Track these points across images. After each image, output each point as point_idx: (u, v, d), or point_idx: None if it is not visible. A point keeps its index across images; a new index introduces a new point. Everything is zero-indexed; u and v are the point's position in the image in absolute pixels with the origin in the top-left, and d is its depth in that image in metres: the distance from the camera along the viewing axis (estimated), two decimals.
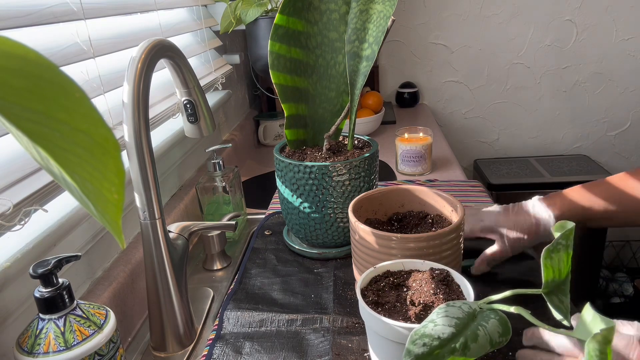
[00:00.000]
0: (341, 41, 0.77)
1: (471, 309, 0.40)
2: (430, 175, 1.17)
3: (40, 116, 0.17)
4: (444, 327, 0.37)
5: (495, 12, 1.88)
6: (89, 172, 0.18)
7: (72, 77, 0.18)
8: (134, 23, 0.86)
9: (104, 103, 0.72)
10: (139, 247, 0.77)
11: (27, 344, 0.47)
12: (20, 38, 0.52)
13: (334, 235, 0.76)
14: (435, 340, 0.36)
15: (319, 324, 0.64)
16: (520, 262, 0.75)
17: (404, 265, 0.57)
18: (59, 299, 0.48)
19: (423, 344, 0.36)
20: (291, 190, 0.75)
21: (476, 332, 0.38)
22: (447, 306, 0.40)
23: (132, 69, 0.57)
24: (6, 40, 0.16)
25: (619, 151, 2.03)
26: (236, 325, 0.65)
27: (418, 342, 0.36)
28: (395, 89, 1.97)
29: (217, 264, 0.89)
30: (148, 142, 0.60)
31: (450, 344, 0.36)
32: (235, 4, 1.16)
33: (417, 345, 0.36)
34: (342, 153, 0.78)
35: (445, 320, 0.38)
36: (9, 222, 0.50)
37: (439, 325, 0.38)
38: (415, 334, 0.37)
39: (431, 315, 0.39)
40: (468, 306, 0.41)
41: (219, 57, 1.28)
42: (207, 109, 0.71)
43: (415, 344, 0.36)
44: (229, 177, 0.93)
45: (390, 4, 0.68)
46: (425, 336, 0.37)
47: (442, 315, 0.39)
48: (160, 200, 0.62)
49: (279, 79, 0.76)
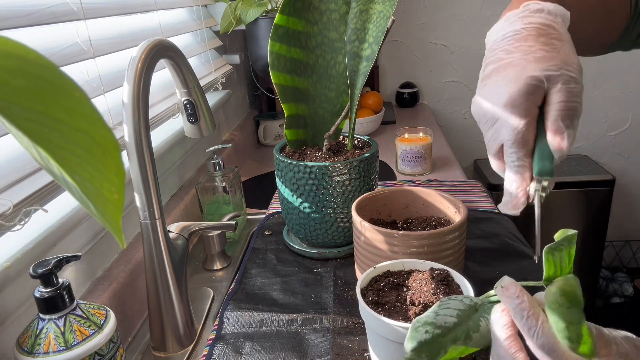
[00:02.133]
0: (341, 41, 0.77)
1: (473, 302, 0.41)
2: (430, 175, 1.17)
3: (40, 116, 0.17)
4: (446, 317, 0.38)
5: (495, 12, 1.88)
6: (89, 172, 0.18)
7: (72, 77, 0.18)
8: (134, 23, 0.86)
9: (104, 103, 0.72)
10: (139, 247, 0.77)
11: (27, 344, 0.47)
12: (20, 38, 0.52)
13: (334, 235, 0.76)
14: (438, 329, 0.36)
15: (319, 324, 0.64)
16: (519, 262, 0.75)
17: (404, 265, 0.57)
18: (59, 299, 0.48)
19: (425, 331, 0.36)
20: (291, 190, 0.75)
21: (478, 323, 0.38)
22: (449, 299, 0.40)
23: (132, 69, 0.57)
24: (6, 40, 0.16)
25: (619, 151, 2.03)
26: (236, 325, 0.65)
27: (420, 330, 0.36)
28: (395, 89, 1.97)
29: (217, 264, 0.89)
30: (148, 142, 0.60)
31: (452, 333, 0.37)
32: (235, 4, 1.16)
33: (419, 332, 0.36)
34: (342, 153, 0.78)
35: (448, 311, 0.38)
36: (9, 222, 0.50)
37: (440, 315, 0.38)
38: (417, 321, 0.37)
39: (433, 307, 0.39)
40: (470, 299, 0.41)
41: (219, 57, 1.28)
42: (207, 109, 0.71)
43: (417, 331, 0.36)
44: (229, 177, 0.93)
45: (390, 4, 0.68)
46: (428, 324, 0.37)
47: (444, 307, 0.39)
48: (160, 200, 0.62)
49: (279, 79, 0.76)
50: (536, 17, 0.48)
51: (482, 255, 0.77)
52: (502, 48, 0.48)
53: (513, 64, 0.46)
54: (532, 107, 0.45)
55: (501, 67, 0.47)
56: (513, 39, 0.47)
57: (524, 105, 0.44)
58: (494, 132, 0.47)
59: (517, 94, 0.44)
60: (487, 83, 0.48)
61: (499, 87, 0.46)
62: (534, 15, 0.48)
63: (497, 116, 0.46)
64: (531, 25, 0.47)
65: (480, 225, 0.86)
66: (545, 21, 0.47)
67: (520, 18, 0.48)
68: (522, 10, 0.49)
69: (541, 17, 0.48)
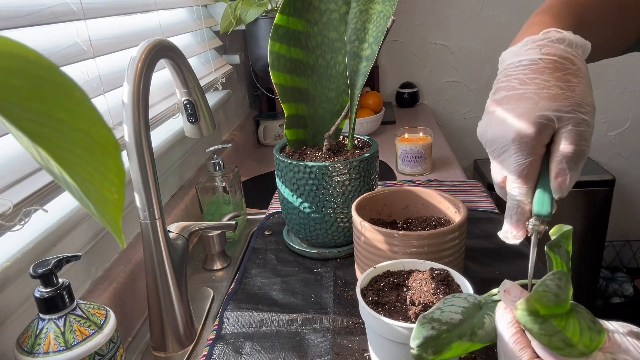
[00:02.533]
0: (341, 41, 0.77)
1: (476, 300, 0.41)
2: (430, 175, 1.17)
3: (40, 116, 0.17)
4: (452, 313, 0.38)
5: (495, 12, 1.88)
6: (89, 172, 0.18)
7: (72, 77, 0.18)
8: (134, 23, 0.86)
9: (104, 103, 0.72)
10: (139, 247, 0.77)
11: (27, 344, 0.47)
12: (20, 38, 0.52)
13: (334, 235, 0.76)
14: (444, 325, 0.37)
15: (319, 324, 0.64)
16: (519, 262, 0.75)
17: (404, 265, 0.57)
18: (59, 299, 0.48)
19: (432, 327, 0.36)
20: (291, 190, 0.75)
21: (482, 320, 0.38)
22: (453, 297, 0.41)
23: (132, 69, 0.57)
24: (6, 40, 0.16)
25: (619, 151, 2.03)
26: (236, 325, 0.65)
27: (427, 326, 0.37)
28: (395, 89, 1.97)
29: (217, 264, 0.89)
30: (148, 142, 0.60)
31: (458, 329, 0.37)
32: (235, 4, 1.16)
33: (426, 328, 0.36)
34: (342, 153, 0.78)
35: (453, 308, 0.39)
36: (9, 222, 0.50)
37: (446, 312, 0.38)
38: (423, 317, 0.37)
39: (438, 304, 0.40)
40: (473, 297, 0.41)
41: (219, 57, 1.28)
42: (207, 109, 0.71)
43: (424, 327, 0.36)
44: (229, 177, 0.93)
45: (390, 4, 0.68)
46: (434, 320, 0.37)
47: (449, 304, 0.39)
48: (160, 200, 0.62)
49: (279, 79, 0.76)
50: (555, 47, 0.46)
51: (482, 255, 0.77)
52: (516, 76, 0.47)
53: (525, 96, 0.45)
54: (539, 145, 0.44)
55: (513, 97, 0.46)
56: (529, 69, 0.46)
57: (531, 144, 0.44)
58: (500, 163, 0.47)
59: (525, 131, 0.44)
60: (497, 111, 0.47)
61: (509, 119, 0.45)
62: (553, 45, 0.46)
63: (503, 149, 0.46)
64: (549, 57, 0.46)
65: (480, 225, 0.86)
66: (564, 53, 0.46)
67: (539, 46, 0.46)
68: (541, 38, 0.47)
69: (560, 49, 0.46)
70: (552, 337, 0.33)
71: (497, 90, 0.48)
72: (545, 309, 0.34)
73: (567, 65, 0.46)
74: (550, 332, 0.33)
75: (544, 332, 0.33)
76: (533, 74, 0.46)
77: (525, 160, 0.44)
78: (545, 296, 0.34)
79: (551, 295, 0.34)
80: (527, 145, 0.44)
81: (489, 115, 0.48)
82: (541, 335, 0.33)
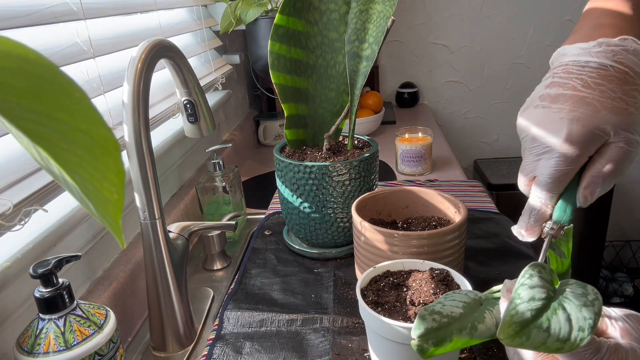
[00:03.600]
0: (341, 41, 0.77)
1: (477, 296, 0.41)
2: (430, 175, 1.17)
3: (40, 116, 0.17)
4: (453, 307, 0.38)
5: (495, 12, 1.88)
6: (89, 172, 0.18)
7: (72, 77, 0.18)
8: (134, 23, 0.86)
9: (104, 103, 0.72)
10: (139, 247, 0.77)
11: (27, 344, 0.47)
12: (20, 38, 0.52)
13: (334, 235, 0.76)
14: (445, 318, 0.37)
15: (319, 324, 0.64)
16: (519, 262, 0.75)
17: (404, 265, 0.57)
18: (59, 299, 0.48)
19: (433, 319, 0.37)
20: (291, 190, 0.75)
21: (483, 315, 0.39)
22: (454, 293, 0.41)
23: (132, 69, 0.57)
24: (6, 40, 0.16)
25: None
26: (236, 325, 0.65)
27: (428, 318, 0.37)
28: (395, 89, 1.97)
29: (217, 264, 0.89)
30: (148, 142, 0.60)
31: (458, 323, 0.37)
32: (235, 4, 1.16)
33: (427, 320, 0.36)
34: (342, 153, 0.78)
35: (454, 303, 0.39)
36: (9, 222, 0.50)
37: (447, 306, 0.38)
38: (425, 310, 0.38)
39: (439, 299, 0.40)
40: (474, 294, 0.42)
41: (219, 57, 1.28)
42: (207, 109, 0.71)
43: (425, 319, 0.37)
44: (229, 177, 0.93)
45: (390, 4, 0.68)
46: (435, 313, 0.37)
47: (450, 299, 0.39)
48: (160, 200, 0.62)
49: (279, 79, 0.76)
50: (629, 59, 0.43)
51: (482, 255, 0.77)
52: (579, 76, 0.44)
53: (586, 101, 0.42)
54: (585, 154, 0.43)
55: (572, 98, 0.43)
56: (596, 73, 0.43)
57: (578, 154, 0.42)
58: (536, 159, 0.45)
59: (577, 138, 0.42)
60: (549, 107, 0.44)
61: (562, 120, 0.43)
62: (627, 55, 0.43)
63: (546, 149, 0.44)
64: (621, 67, 0.43)
65: (480, 225, 0.86)
66: (636, 67, 0.43)
67: (613, 52, 0.44)
68: (617, 44, 0.44)
69: (633, 62, 0.43)
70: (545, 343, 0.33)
71: (552, 85, 0.45)
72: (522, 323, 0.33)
73: (636, 81, 0.43)
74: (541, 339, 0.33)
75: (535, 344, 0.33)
76: (600, 79, 0.43)
77: (566, 168, 0.43)
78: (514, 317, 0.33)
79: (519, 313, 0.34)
80: (573, 154, 0.42)
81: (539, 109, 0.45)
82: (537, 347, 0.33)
